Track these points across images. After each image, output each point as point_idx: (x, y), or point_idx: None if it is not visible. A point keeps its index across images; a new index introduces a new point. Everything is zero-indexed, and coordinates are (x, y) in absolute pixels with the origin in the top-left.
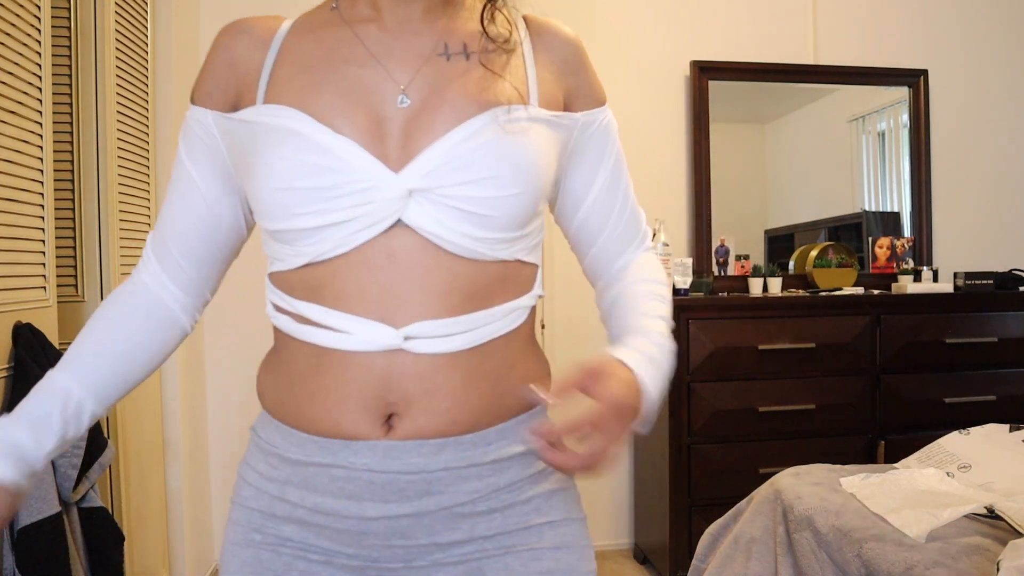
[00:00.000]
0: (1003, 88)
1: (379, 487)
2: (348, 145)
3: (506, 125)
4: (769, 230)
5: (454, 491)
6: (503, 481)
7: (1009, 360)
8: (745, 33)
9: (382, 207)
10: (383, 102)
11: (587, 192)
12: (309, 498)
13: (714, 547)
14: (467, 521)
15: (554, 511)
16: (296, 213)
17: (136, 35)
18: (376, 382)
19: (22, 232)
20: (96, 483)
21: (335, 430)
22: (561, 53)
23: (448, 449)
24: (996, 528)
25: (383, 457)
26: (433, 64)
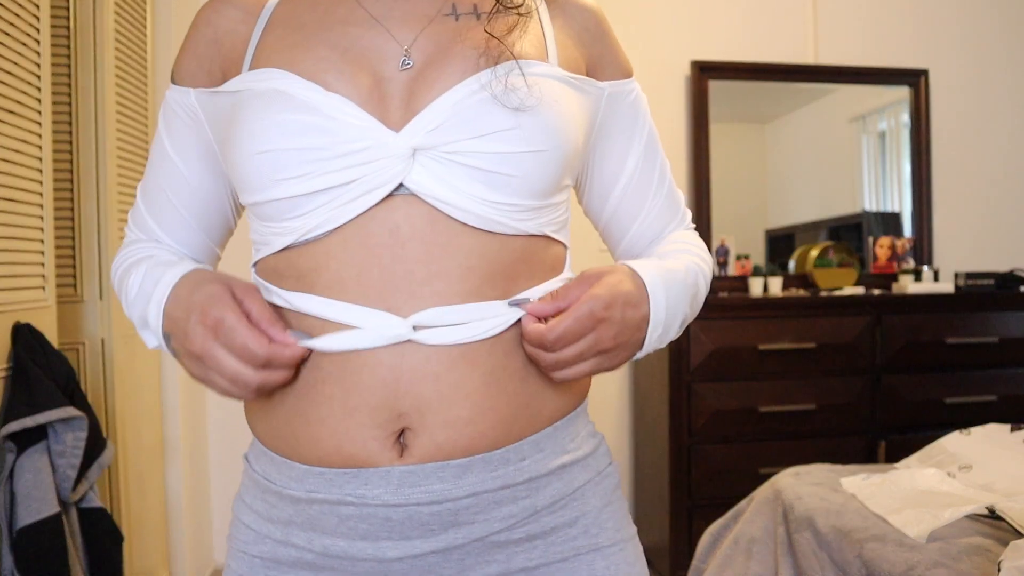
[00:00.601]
0: (1004, 88)
1: (398, 523)
2: (340, 102)
3: (522, 80)
4: (769, 230)
5: (486, 519)
6: (542, 501)
7: (1010, 360)
8: (745, 33)
9: (381, 169)
10: (384, 62)
11: (619, 173)
12: (317, 540)
13: (714, 547)
14: (503, 551)
15: (604, 532)
16: (280, 178)
17: (135, 35)
18: (383, 387)
19: (21, 232)
20: (95, 483)
21: (339, 456)
22: (580, 20)
23: (475, 469)
24: (997, 528)
25: (399, 486)
26: (439, 24)
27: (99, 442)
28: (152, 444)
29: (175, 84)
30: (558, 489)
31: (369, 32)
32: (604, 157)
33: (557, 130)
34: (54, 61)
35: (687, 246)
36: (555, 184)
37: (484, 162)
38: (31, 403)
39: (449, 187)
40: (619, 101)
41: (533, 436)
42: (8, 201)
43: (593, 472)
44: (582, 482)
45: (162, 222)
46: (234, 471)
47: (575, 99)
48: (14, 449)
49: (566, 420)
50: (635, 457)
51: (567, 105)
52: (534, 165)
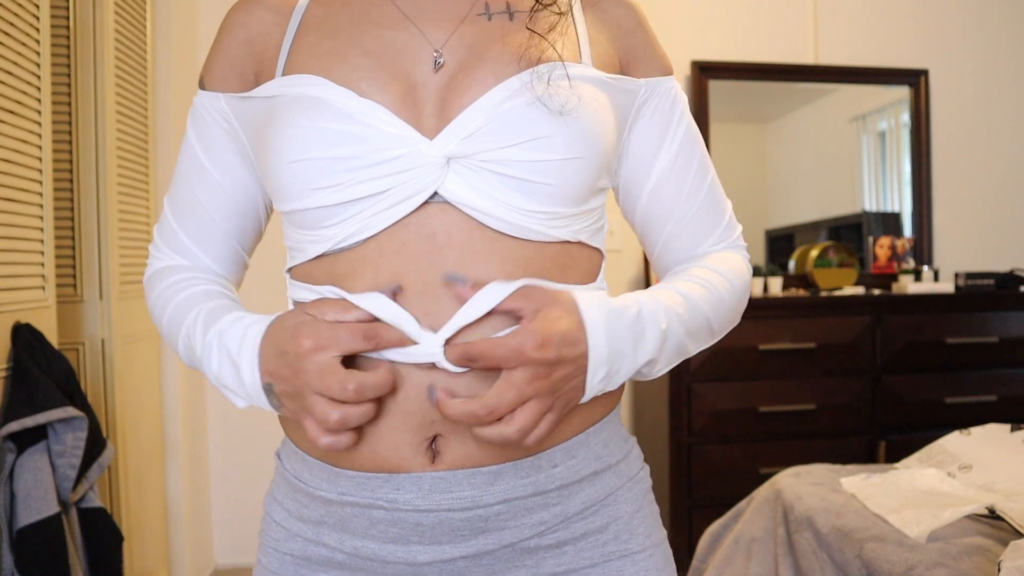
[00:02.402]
0: (1004, 88)
1: (428, 528)
2: (375, 110)
3: (558, 82)
4: (769, 230)
5: (516, 525)
6: (573, 508)
7: (1010, 360)
8: (745, 33)
9: (416, 178)
10: (416, 65)
11: (650, 172)
12: (348, 542)
13: (714, 547)
14: (532, 557)
15: (635, 538)
16: (315, 188)
17: (135, 34)
18: (416, 396)
19: (21, 232)
20: (95, 483)
21: (372, 460)
22: (613, 14)
23: (506, 476)
24: (997, 529)
25: (430, 492)
26: (472, 23)
27: (99, 442)
28: (152, 444)
29: (205, 90)
30: (590, 495)
31: (402, 34)
32: (636, 154)
33: (593, 135)
34: (54, 61)
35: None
36: (590, 189)
37: (519, 171)
38: (31, 403)
39: (483, 195)
40: (655, 98)
41: (565, 443)
42: (8, 201)
43: (625, 478)
44: (614, 488)
45: (195, 235)
46: (234, 471)
47: (608, 101)
48: (14, 449)
49: (598, 426)
50: None
51: (602, 108)
52: (570, 173)
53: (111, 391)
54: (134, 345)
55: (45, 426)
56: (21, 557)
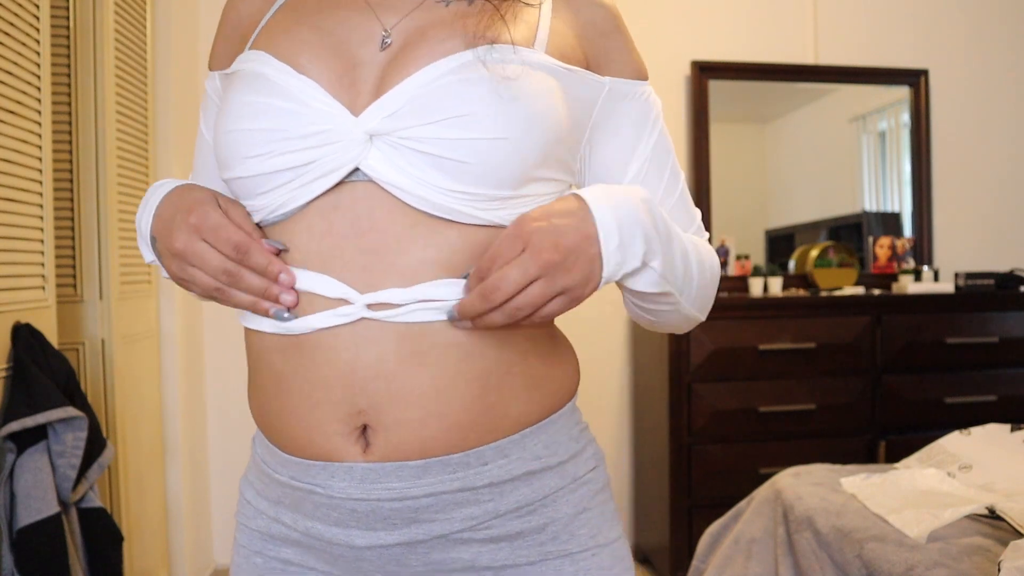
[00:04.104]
0: (1004, 88)
1: (363, 515)
2: (307, 85)
3: (495, 65)
4: (769, 230)
5: (447, 518)
6: (506, 506)
7: (1010, 360)
8: (745, 33)
9: (337, 152)
10: (364, 45)
11: (621, 176)
12: (300, 522)
13: (714, 547)
14: (468, 548)
15: (576, 539)
16: (244, 156)
17: (135, 34)
18: (341, 382)
19: (21, 232)
20: (95, 483)
21: (310, 448)
22: (587, 14)
23: (433, 471)
24: (997, 529)
25: (361, 481)
26: (428, 9)
27: (99, 442)
28: (152, 444)
29: (210, 71)
30: (525, 495)
31: (357, 15)
32: (604, 157)
33: (523, 118)
34: (54, 61)
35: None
36: (522, 175)
37: (439, 148)
38: (31, 403)
39: (404, 174)
40: (624, 100)
41: (497, 442)
42: (8, 201)
43: (569, 479)
44: (554, 489)
45: None
46: (234, 471)
47: (561, 90)
48: (14, 449)
49: (538, 427)
50: (635, 457)
51: (548, 94)
52: (491, 153)
53: (111, 391)
54: (134, 345)
55: (45, 426)
56: (21, 557)
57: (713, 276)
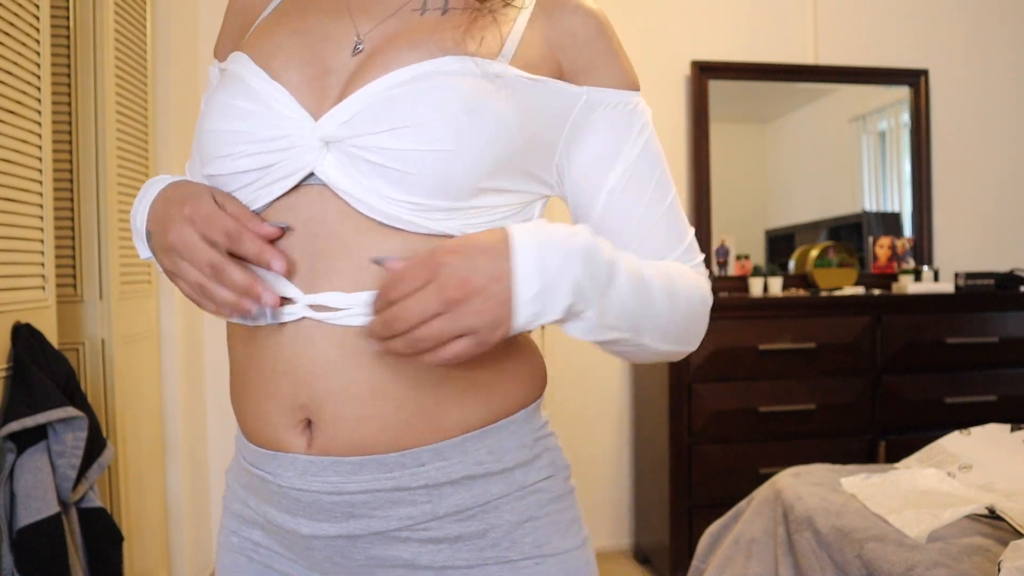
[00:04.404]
0: (1004, 88)
1: (305, 505)
2: (276, 90)
3: (452, 76)
4: (769, 230)
5: (383, 516)
6: (444, 509)
7: (1010, 360)
8: (745, 33)
9: (294, 157)
10: (336, 52)
11: (600, 188)
12: (261, 507)
13: (714, 548)
14: (407, 547)
15: (517, 546)
16: (215, 155)
17: (135, 34)
18: (285, 377)
19: (21, 232)
20: (95, 483)
21: (263, 437)
22: (567, 23)
23: (367, 469)
24: (997, 529)
25: (302, 473)
26: (402, 17)
27: (99, 442)
28: (152, 444)
29: (215, 59)
30: (464, 499)
31: (335, 21)
32: (582, 167)
33: (471, 130)
34: (54, 61)
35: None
36: (469, 186)
37: (384, 158)
38: (31, 403)
39: (355, 181)
40: (603, 110)
41: (436, 444)
42: (8, 201)
43: (514, 487)
44: (496, 495)
45: None
46: None
47: (519, 101)
48: (14, 449)
49: (482, 432)
50: (635, 457)
51: (499, 106)
52: (437, 164)
53: (111, 391)
54: (134, 345)
55: (45, 426)
56: (21, 557)
57: (691, 307)
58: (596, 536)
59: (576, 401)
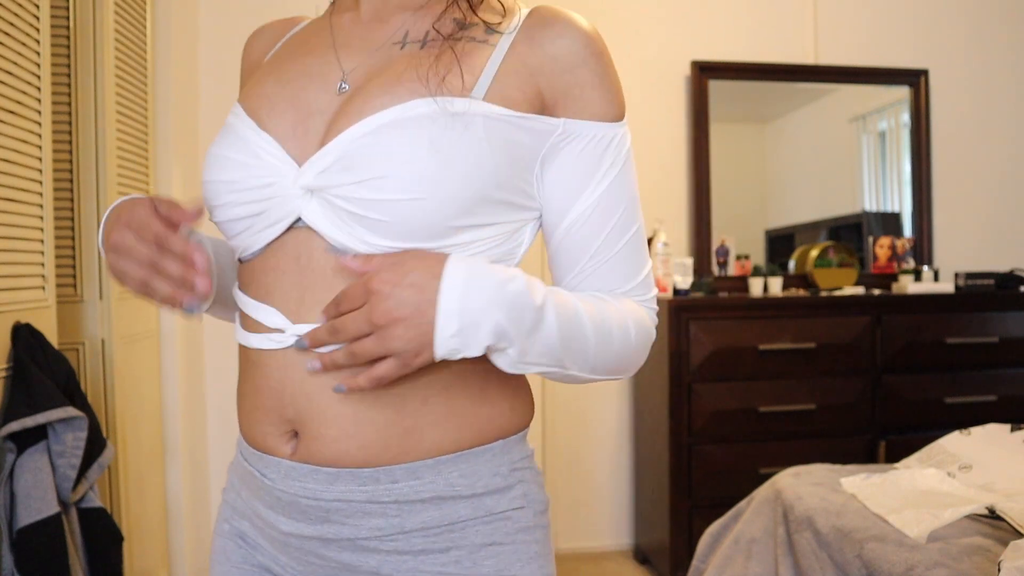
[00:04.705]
0: (1004, 88)
1: (285, 504)
2: (264, 140)
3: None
4: (769, 230)
5: (355, 524)
6: (412, 524)
7: (1010, 360)
8: (745, 33)
9: (280, 205)
10: (322, 92)
11: (567, 212)
12: (251, 500)
13: (714, 548)
14: (374, 556)
15: (479, 567)
16: (214, 205)
17: (135, 34)
18: (273, 394)
19: (21, 232)
20: (95, 483)
21: (254, 439)
22: (552, 48)
23: (342, 480)
24: (997, 529)
25: (285, 476)
26: (383, 52)
27: (99, 442)
28: (152, 444)
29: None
30: (433, 517)
31: (320, 60)
32: (550, 195)
33: (442, 176)
34: (54, 61)
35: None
36: (444, 229)
37: (360, 208)
38: (31, 403)
39: (337, 227)
40: (578, 142)
41: (410, 463)
42: (8, 201)
43: (482, 512)
44: (463, 517)
45: None
46: None
47: (494, 138)
48: (14, 449)
49: (456, 456)
50: (635, 457)
51: (473, 147)
52: (408, 211)
53: (111, 391)
54: (134, 345)
55: (45, 426)
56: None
57: (625, 342)
58: (596, 536)
59: (576, 401)
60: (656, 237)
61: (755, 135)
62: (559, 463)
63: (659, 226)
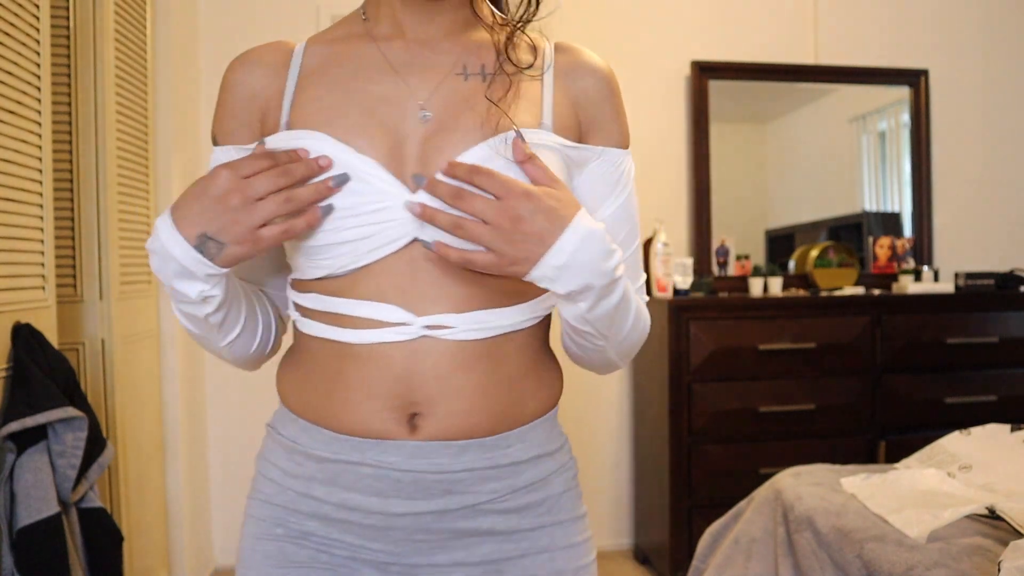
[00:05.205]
0: (1004, 87)
1: (405, 485)
2: (368, 165)
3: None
4: (769, 230)
5: (476, 490)
6: (520, 482)
7: (1010, 360)
8: (745, 33)
9: (398, 227)
10: (404, 119)
11: None
12: (336, 494)
13: (714, 547)
14: (487, 518)
15: (562, 511)
16: (319, 229)
17: (135, 34)
18: (398, 383)
19: (21, 232)
20: (95, 483)
21: (363, 429)
22: (582, 83)
23: (471, 450)
24: (997, 529)
25: (410, 457)
26: (451, 81)
27: (99, 442)
28: (152, 444)
29: (219, 145)
30: (533, 474)
31: (392, 88)
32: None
33: None
34: (54, 61)
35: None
36: None
37: None
38: (31, 403)
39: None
40: (603, 164)
41: (519, 429)
42: (8, 201)
43: (559, 464)
44: (550, 471)
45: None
46: (234, 471)
47: (561, 164)
48: (14, 449)
49: (542, 420)
50: (635, 457)
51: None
52: None
53: (111, 391)
54: (134, 345)
55: (45, 426)
56: (21, 557)
57: (642, 334)
58: (596, 536)
59: (577, 401)
60: (656, 237)
61: (755, 135)
62: None
63: (659, 226)
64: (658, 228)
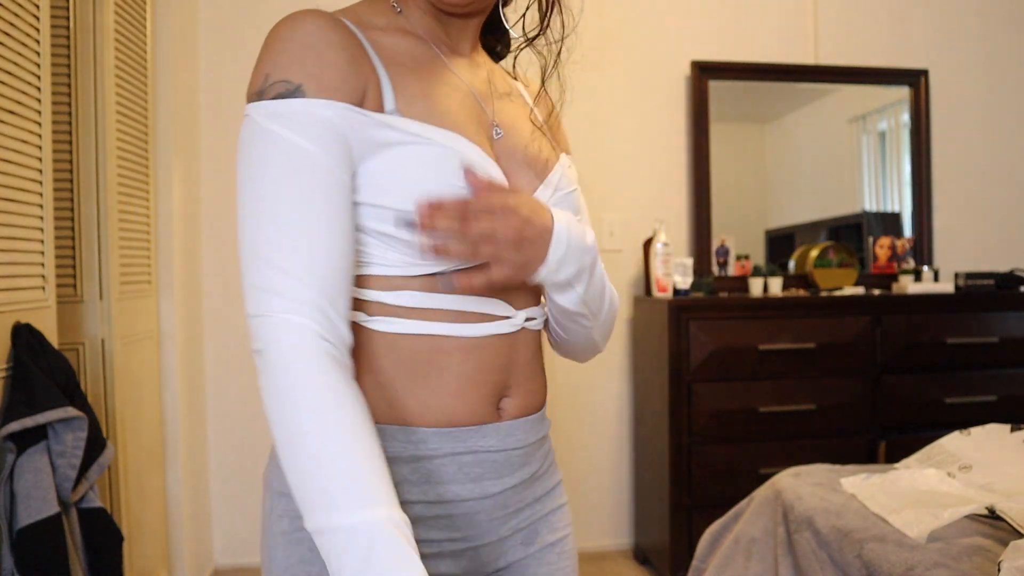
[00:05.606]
0: (1005, 87)
1: (500, 464)
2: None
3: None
4: (769, 230)
5: (535, 460)
6: (545, 451)
7: (1010, 360)
8: (745, 33)
9: None
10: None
11: None
12: (432, 490)
13: (714, 547)
14: (539, 484)
15: (557, 475)
16: None
17: (135, 34)
18: (500, 369)
19: (21, 232)
20: (95, 483)
21: (464, 418)
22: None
23: (535, 424)
24: (997, 529)
25: (505, 436)
26: (502, 100)
27: (99, 442)
28: (152, 444)
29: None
30: (548, 445)
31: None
32: None
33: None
34: (54, 61)
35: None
36: None
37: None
38: (31, 403)
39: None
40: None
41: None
42: (8, 201)
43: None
44: (550, 444)
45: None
46: (234, 471)
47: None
48: (14, 449)
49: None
50: (635, 457)
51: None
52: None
53: (111, 391)
54: (134, 345)
55: (45, 426)
56: (21, 557)
57: (614, 312)
58: (596, 536)
59: (577, 401)
60: (656, 237)
61: (755, 135)
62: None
63: (659, 226)
64: (658, 228)
